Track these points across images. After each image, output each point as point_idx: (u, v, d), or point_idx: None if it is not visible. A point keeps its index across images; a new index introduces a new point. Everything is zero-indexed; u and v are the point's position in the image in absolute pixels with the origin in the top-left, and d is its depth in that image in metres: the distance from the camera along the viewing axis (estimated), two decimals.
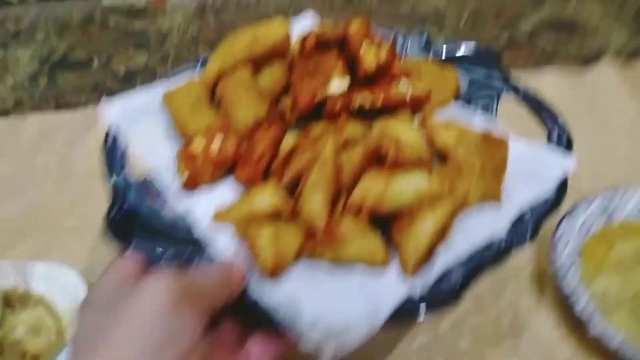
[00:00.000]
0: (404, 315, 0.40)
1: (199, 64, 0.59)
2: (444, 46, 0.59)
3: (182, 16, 1.09)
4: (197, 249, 0.45)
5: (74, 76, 0.97)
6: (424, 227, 0.43)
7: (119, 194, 0.47)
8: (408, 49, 0.59)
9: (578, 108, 0.78)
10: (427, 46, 0.59)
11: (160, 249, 0.43)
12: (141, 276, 0.39)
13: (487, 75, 0.56)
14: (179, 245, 0.45)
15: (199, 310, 0.37)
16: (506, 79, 0.55)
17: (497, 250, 0.43)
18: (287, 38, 0.54)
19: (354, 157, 0.46)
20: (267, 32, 0.54)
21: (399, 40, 0.60)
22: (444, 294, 0.41)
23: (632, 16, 1.01)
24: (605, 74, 0.85)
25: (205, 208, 0.48)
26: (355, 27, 0.53)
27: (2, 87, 0.94)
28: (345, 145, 0.47)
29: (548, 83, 0.82)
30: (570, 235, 0.56)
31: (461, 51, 0.58)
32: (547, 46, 0.95)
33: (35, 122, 0.85)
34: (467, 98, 0.55)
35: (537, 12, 1.04)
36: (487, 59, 0.57)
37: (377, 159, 0.46)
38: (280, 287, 0.42)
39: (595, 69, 0.86)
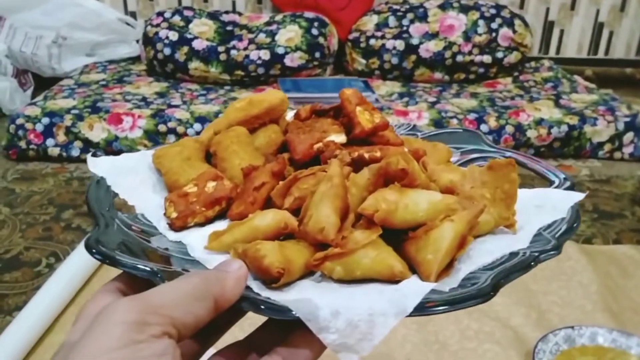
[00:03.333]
0: (431, 305, 0.35)
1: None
2: (429, 131, 0.61)
3: None
4: (193, 267, 0.39)
5: None
6: (442, 234, 0.39)
7: (104, 220, 0.42)
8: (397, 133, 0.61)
9: (549, 271, 1.13)
10: (414, 130, 0.61)
11: (150, 267, 0.37)
12: None
13: (478, 147, 0.57)
14: (171, 264, 0.39)
15: (161, 331, 0.31)
16: (497, 149, 0.56)
17: (523, 257, 0.39)
18: (282, 102, 0.55)
19: (359, 181, 0.44)
20: (263, 97, 0.55)
21: None
22: (475, 290, 0.36)
23: (589, 212, 1.40)
24: (570, 249, 1.20)
25: (198, 240, 0.43)
26: (349, 92, 0.54)
27: None
28: (348, 177, 0.46)
29: None
30: (544, 353, 0.85)
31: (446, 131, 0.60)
32: None
33: None
34: (461, 165, 0.55)
35: None
36: (473, 136, 0.59)
37: (385, 183, 0.44)
38: (288, 294, 0.37)
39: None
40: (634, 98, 2.14)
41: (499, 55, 2.09)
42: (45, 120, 1.67)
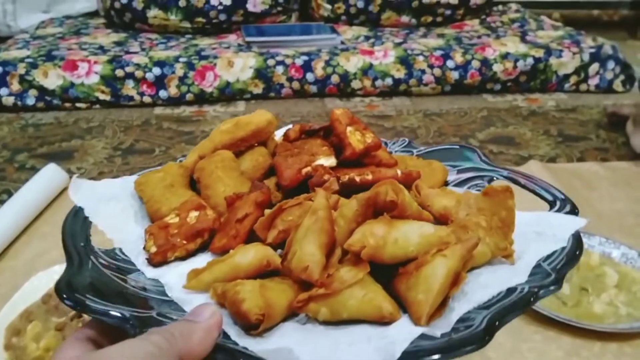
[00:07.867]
0: (422, 353, 0.32)
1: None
2: (425, 148, 0.58)
3: (220, 122, 1.42)
4: (169, 309, 0.37)
5: (141, 159, 1.26)
6: (434, 271, 0.37)
7: (78, 258, 0.40)
8: (392, 150, 0.58)
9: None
10: (409, 146, 0.59)
11: (121, 313, 0.35)
12: None
13: (474, 166, 0.54)
14: (146, 307, 0.37)
15: None
16: (494, 167, 0.54)
17: (521, 294, 0.37)
18: (270, 123, 0.53)
19: (347, 212, 0.41)
20: (250, 119, 0.52)
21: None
22: (468, 335, 0.34)
23: (554, 136, 1.38)
24: (533, 167, 1.18)
25: (176, 278, 0.41)
26: (339, 112, 0.52)
27: (86, 164, 1.25)
28: (336, 207, 0.43)
29: None
30: None
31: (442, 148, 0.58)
32: (493, 149, 1.28)
33: None
34: (457, 185, 0.53)
35: (486, 131, 1.40)
36: (469, 153, 0.56)
37: (374, 214, 0.42)
38: (268, 341, 0.35)
39: (526, 165, 1.20)
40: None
41: None
42: None
